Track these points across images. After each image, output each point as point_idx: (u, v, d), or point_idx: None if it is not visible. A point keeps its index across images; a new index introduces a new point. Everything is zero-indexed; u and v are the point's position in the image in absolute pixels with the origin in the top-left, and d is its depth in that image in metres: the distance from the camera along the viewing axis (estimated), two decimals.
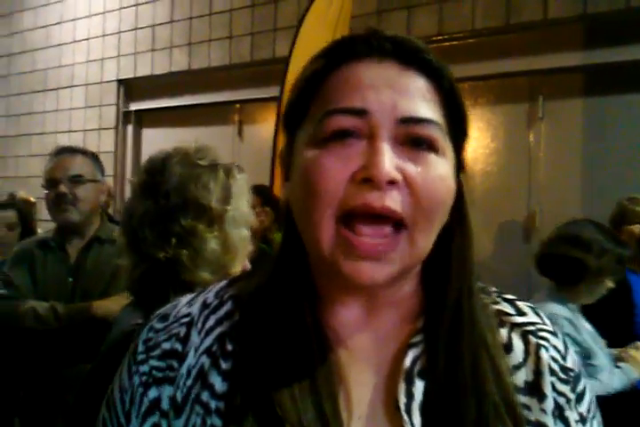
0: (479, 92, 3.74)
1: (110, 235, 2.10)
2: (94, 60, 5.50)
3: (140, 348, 0.63)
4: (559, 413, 0.59)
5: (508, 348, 0.61)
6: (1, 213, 2.73)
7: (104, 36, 5.42)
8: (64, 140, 5.40)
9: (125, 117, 5.40)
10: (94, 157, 2.15)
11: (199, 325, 0.61)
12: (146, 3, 5.12)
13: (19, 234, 2.71)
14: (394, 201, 0.52)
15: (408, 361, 0.57)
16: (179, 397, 0.58)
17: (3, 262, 2.23)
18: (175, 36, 4.94)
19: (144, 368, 0.61)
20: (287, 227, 0.61)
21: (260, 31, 4.45)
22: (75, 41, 5.65)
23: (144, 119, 5.42)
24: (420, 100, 0.55)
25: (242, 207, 1.17)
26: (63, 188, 1.99)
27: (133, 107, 5.38)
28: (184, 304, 0.65)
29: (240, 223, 1.16)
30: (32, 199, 4.23)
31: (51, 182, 2.02)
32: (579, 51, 3.39)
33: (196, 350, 0.59)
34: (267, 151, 3.49)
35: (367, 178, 0.52)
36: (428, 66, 0.57)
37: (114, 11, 5.35)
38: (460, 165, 0.60)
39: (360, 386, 0.58)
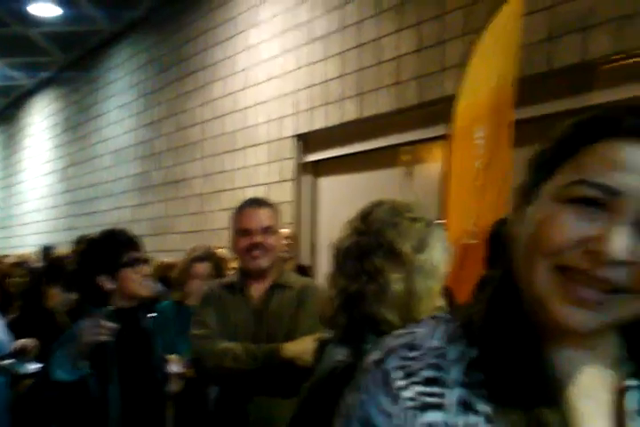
0: None
1: (288, 281, 2.21)
2: (274, 120, 5.92)
3: (396, 374, 0.64)
4: None
5: None
6: (200, 265, 2.99)
7: (283, 96, 5.83)
8: (250, 194, 5.82)
9: (303, 169, 5.70)
10: (276, 209, 2.31)
11: (448, 357, 0.64)
12: (319, 60, 5.44)
13: None
14: (616, 275, 0.55)
15: (631, 402, 0.60)
16: (453, 423, 0.61)
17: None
18: (346, 88, 5.16)
19: (408, 393, 0.63)
20: (503, 260, 0.65)
21: (428, 73, 4.50)
22: (257, 103, 6.15)
23: (319, 169, 5.67)
24: None
25: (434, 259, 1.22)
26: (258, 238, 2.14)
27: (310, 158, 5.67)
28: (426, 335, 0.67)
29: (429, 274, 1.21)
30: (227, 255, 4.58)
31: (244, 232, 2.18)
32: None
33: (453, 381, 0.63)
34: (436, 190, 3.45)
35: (596, 251, 0.55)
36: None
37: (291, 72, 5.75)
38: None
39: (581, 417, 0.61)
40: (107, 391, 1.94)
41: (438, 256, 1.24)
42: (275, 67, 5.94)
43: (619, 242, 0.54)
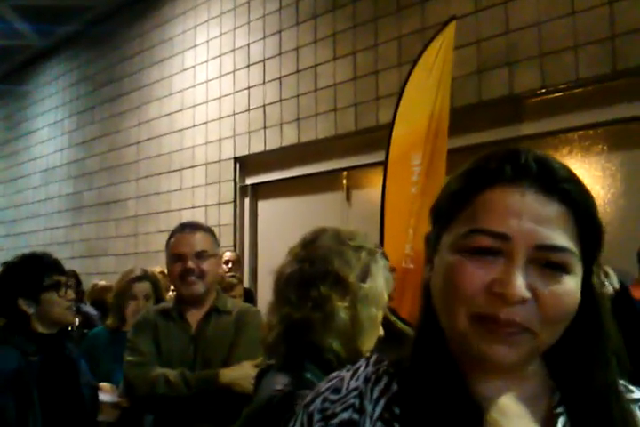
0: (591, 140, 3.62)
1: (226, 306, 2.18)
2: (212, 142, 5.91)
3: (317, 416, 0.70)
4: None
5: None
6: (139, 285, 2.93)
7: (220, 118, 5.84)
8: (187, 216, 5.77)
9: (242, 192, 5.70)
10: (212, 232, 2.27)
11: (368, 395, 0.69)
12: (257, 85, 5.49)
13: (153, 304, 2.88)
14: (519, 316, 0.60)
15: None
16: None
17: None
18: (284, 113, 5.22)
19: None
20: (425, 305, 0.70)
21: (363, 101, 4.62)
22: (194, 125, 6.13)
23: (259, 192, 5.69)
24: (558, 229, 0.62)
25: (377, 288, 1.25)
26: (191, 263, 2.11)
27: (249, 181, 5.68)
28: (349, 378, 0.72)
29: (372, 303, 1.23)
30: (163, 272, 4.50)
31: (177, 257, 2.15)
32: None
33: (371, 418, 0.67)
34: (375, 215, 3.53)
35: (501, 294, 0.60)
36: (569, 196, 0.63)
37: (228, 95, 5.77)
38: (590, 271, 0.66)
39: None
40: (27, 419, 1.87)
41: (381, 284, 1.25)
42: (212, 89, 5.96)
43: (517, 282, 0.59)
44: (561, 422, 0.65)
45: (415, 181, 3.38)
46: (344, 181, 4.93)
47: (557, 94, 3.69)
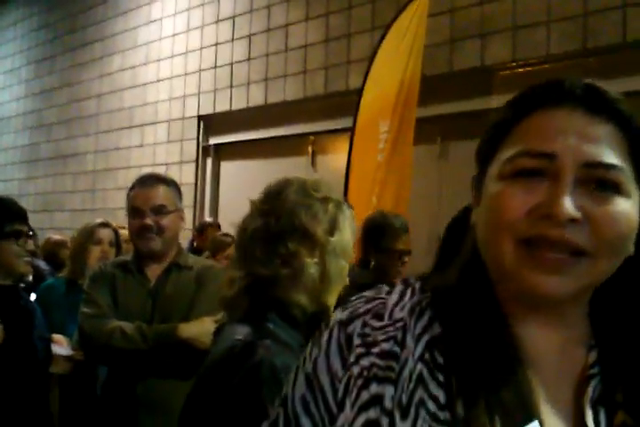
0: None
1: (187, 262, 2.15)
2: (176, 98, 5.77)
3: (358, 341, 0.65)
4: None
5: None
6: (103, 230, 2.88)
7: (186, 74, 5.69)
8: None
9: (205, 151, 5.61)
10: (175, 186, 2.21)
11: (411, 330, 0.64)
12: (225, 42, 5.36)
13: (114, 256, 2.83)
14: (573, 234, 0.56)
15: (592, 390, 0.61)
16: (404, 400, 0.60)
17: None
18: (252, 72, 5.12)
19: (364, 362, 0.63)
20: (472, 250, 0.66)
21: (334, 64, 4.56)
22: (158, 80, 5.97)
23: (222, 153, 5.61)
24: (606, 147, 0.59)
25: (345, 240, 1.23)
26: (148, 219, 2.06)
27: (212, 141, 5.59)
28: (393, 306, 0.67)
29: (340, 255, 1.22)
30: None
31: (135, 212, 2.09)
32: None
33: (412, 356, 0.62)
34: (339, 181, 3.52)
35: (547, 214, 0.57)
36: (618, 115, 0.60)
37: (195, 51, 5.63)
38: None
39: (546, 406, 0.61)
40: None
41: (348, 236, 1.24)
42: (178, 44, 5.79)
43: (566, 202, 0.56)
44: (593, 384, 0.61)
45: (381, 149, 3.37)
46: (310, 146, 4.89)
47: (528, 68, 3.70)
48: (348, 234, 1.24)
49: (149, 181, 2.15)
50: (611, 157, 0.58)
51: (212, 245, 3.79)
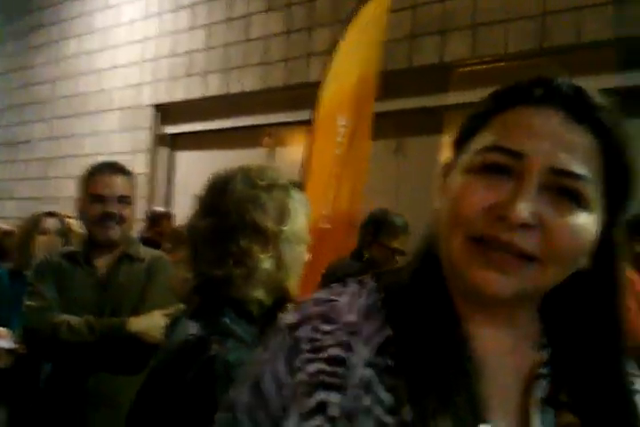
0: None
1: (138, 253, 2.12)
2: (132, 86, 5.65)
3: (306, 346, 0.62)
4: None
5: None
6: (50, 220, 2.81)
7: (142, 62, 5.58)
8: None
9: (160, 141, 5.52)
10: (133, 177, 2.18)
11: (362, 334, 0.62)
12: (183, 30, 5.27)
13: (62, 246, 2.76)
14: (523, 240, 0.55)
15: (539, 391, 0.61)
16: (351, 406, 0.58)
17: None
18: (211, 62, 5.05)
19: (311, 368, 0.61)
20: (427, 247, 0.65)
21: (295, 57, 4.53)
22: (114, 67, 5.83)
23: (178, 142, 5.53)
24: (580, 158, 0.57)
25: (297, 226, 1.19)
26: (112, 207, 2.03)
27: (168, 130, 5.50)
28: (345, 309, 0.64)
29: (294, 241, 1.19)
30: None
31: (97, 198, 2.04)
32: (613, 74, 3.35)
33: (362, 361, 0.60)
34: (296, 174, 3.51)
35: (502, 216, 0.55)
36: (600, 127, 0.58)
37: (152, 38, 5.52)
38: (614, 223, 0.61)
39: (496, 408, 0.60)
40: None
41: (301, 220, 1.21)
42: (136, 31, 5.66)
43: (522, 206, 0.54)
44: (542, 384, 0.61)
45: (340, 143, 3.37)
46: (267, 138, 4.85)
47: (485, 66, 3.75)
48: (300, 218, 1.20)
49: (111, 168, 2.11)
50: (581, 168, 0.56)
51: (172, 238, 3.72)
